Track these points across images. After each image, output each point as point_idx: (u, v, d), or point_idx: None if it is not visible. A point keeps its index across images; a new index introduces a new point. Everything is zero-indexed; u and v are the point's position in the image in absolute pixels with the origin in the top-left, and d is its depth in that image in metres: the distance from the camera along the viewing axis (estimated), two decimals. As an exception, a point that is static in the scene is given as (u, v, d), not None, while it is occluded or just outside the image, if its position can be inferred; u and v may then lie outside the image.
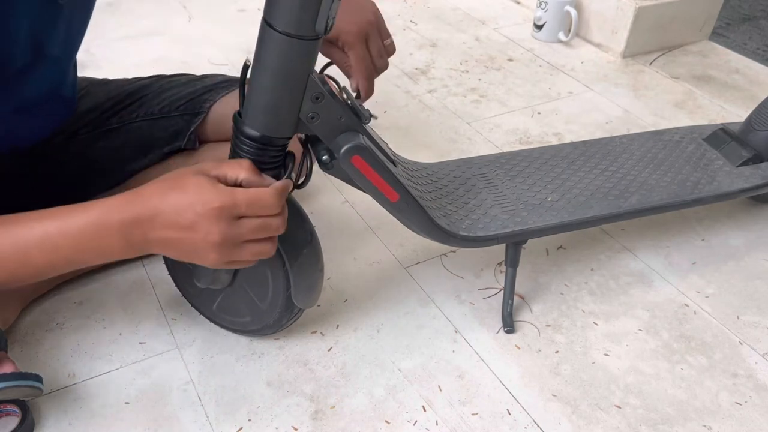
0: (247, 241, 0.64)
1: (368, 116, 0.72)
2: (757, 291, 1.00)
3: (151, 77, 1.01)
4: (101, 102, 0.95)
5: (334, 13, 0.62)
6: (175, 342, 0.87)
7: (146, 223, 0.62)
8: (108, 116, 0.94)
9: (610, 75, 1.56)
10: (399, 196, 0.77)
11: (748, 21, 1.91)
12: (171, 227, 0.62)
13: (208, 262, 0.64)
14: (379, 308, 0.94)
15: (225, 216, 0.61)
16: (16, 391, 0.72)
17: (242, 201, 0.62)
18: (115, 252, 0.64)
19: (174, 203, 0.62)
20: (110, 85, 0.98)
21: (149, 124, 0.94)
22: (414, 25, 1.75)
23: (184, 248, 0.63)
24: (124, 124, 0.94)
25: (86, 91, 0.97)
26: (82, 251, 0.64)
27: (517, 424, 0.79)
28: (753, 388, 0.85)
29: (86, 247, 0.63)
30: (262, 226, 0.64)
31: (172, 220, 0.61)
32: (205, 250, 0.63)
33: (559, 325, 0.92)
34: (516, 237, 0.87)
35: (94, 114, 0.94)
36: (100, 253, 0.64)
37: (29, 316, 0.89)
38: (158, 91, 0.97)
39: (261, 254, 0.66)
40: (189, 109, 0.94)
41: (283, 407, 0.80)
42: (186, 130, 0.93)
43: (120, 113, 0.94)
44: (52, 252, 0.63)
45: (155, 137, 0.94)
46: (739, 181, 0.99)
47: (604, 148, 1.03)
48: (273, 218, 0.64)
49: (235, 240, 0.63)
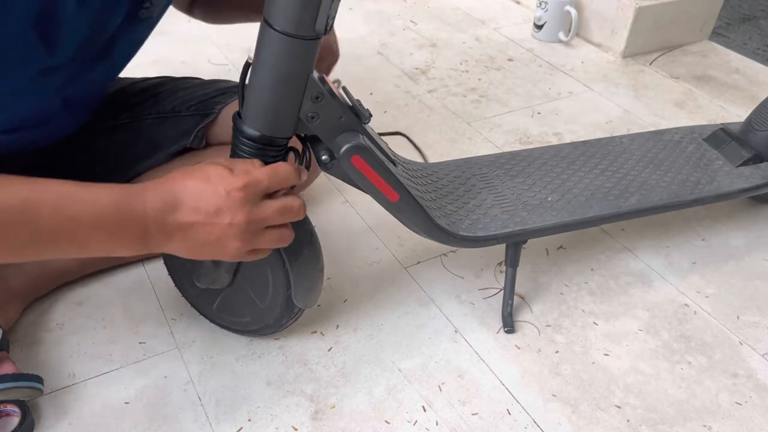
0: (268, 228, 0.64)
1: (368, 116, 0.72)
2: (757, 291, 1.00)
3: (163, 77, 1.02)
4: (112, 98, 0.95)
5: (334, 12, 0.62)
6: (175, 342, 0.87)
7: (169, 210, 0.59)
8: (119, 112, 0.94)
9: (610, 75, 1.56)
10: (399, 196, 0.77)
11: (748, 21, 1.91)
12: (195, 213, 0.60)
13: (229, 251, 0.63)
14: (379, 308, 0.93)
15: (250, 195, 0.61)
16: (16, 391, 0.73)
17: (263, 175, 0.62)
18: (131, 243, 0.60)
19: (198, 190, 0.60)
20: (121, 82, 0.99)
21: (160, 121, 0.94)
22: (414, 25, 1.75)
23: (207, 237, 0.61)
24: (135, 120, 0.94)
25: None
26: (97, 231, 0.58)
27: (517, 424, 0.79)
28: (753, 388, 0.85)
29: (104, 228, 0.58)
30: (285, 206, 0.64)
31: (196, 206, 0.60)
32: (228, 237, 0.61)
33: (559, 325, 0.92)
34: (516, 237, 0.86)
35: (104, 109, 0.94)
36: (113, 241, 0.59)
37: (29, 316, 0.89)
38: (171, 90, 0.97)
39: (281, 240, 0.66)
40: (200, 109, 0.94)
41: (283, 407, 0.80)
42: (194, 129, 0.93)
43: (132, 109, 0.95)
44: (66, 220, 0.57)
45: (165, 136, 0.94)
46: (739, 181, 0.99)
47: (604, 148, 1.03)
48: (294, 199, 0.65)
49: (260, 223, 0.63)
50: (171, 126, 0.94)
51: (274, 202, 0.64)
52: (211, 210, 0.60)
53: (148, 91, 0.96)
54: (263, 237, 0.64)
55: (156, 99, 0.96)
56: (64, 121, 0.85)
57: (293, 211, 0.65)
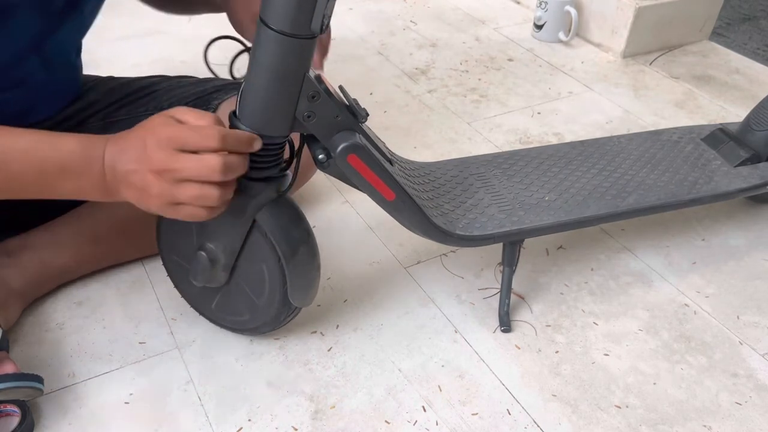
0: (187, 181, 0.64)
1: (365, 115, 0.72)
2: (757, 291, 0.99)
3: (160, 76, 1.02)
4: (109, 94, 0.96)
5: (330, 11, 0.62)
6: (175, 342, 0.87)
7: (117, 158, 0.65)
8: (116, 108, 0.95)
9: (610, 75, 1.56)
10: (395, 195, 0.77)
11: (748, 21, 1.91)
12: (131, 161, 0.65)
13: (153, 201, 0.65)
14: (379, 308, 0.94)
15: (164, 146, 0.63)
16: (16, 391, 0.73)
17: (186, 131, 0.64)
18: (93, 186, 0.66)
19: (132, 139, 0.65)
20: (119, 80, 1.00)
21: None
22: (414, 25, 1.75)
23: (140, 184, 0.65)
24: (132, 117, 0.94)
25: (94, 83, 0.98)
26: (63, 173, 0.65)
27: (517, 424, 0.79)
28: (753, 388, 0.85)
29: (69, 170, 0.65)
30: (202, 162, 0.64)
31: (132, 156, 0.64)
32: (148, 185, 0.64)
33: (559, 325, 0.92)
34: (513, 236, 0.86)
35: (101, 104, 0.95)
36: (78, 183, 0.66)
37: (29, 316, 0.89)
38: (168, 88, 0.98)
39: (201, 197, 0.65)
40: (198, 105, 0.95)
41: (283, 407, 0.80)
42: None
43: (128, 106, 0.95)
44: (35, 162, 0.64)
45: None
46: (737, 181, 0.99)
47: (602, 148, 1.03)
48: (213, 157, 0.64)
49: (173, 173, 0.63)
50: None
51: (191, 156, 0.64)
52: (135, 157, 0.64)
53: (145, 89, 0.97)
54: (180, 190, 0.64)
55: (153, 96, 0.96)
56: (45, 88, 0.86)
57: (209, 166, 0.64)
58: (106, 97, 0.96)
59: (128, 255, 0.97)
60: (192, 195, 0.65)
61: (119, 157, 0.65)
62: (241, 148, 0.66)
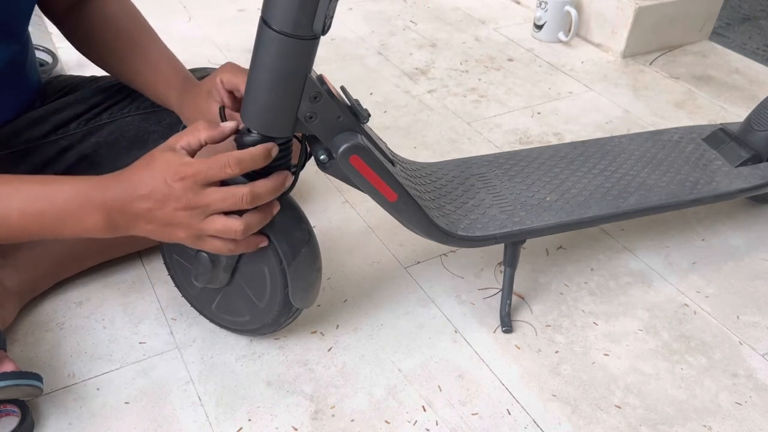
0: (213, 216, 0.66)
1: (367, 116, 0.72)
2: (757, 291, 1.00)
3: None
4: (90, 96, 0.95)
5: (332, 12, 0.62)
6: (175, 342, 0.87)
7: (127, 199, 0.65)
8: (98, 112, 0.94)
9: (610, 75, 1.56)
10: (397, 195, 0.77)
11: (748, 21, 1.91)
12: (147, 200, 0.65)
13: (178, 236, 0.67)
14: (379, 308, 0.94)
15: (189, 185, 0.64)
16: (16, 390, 0.73)
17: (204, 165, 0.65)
18: (98, 229, 0.67)
19: (146, 178, 0.65)
20: (99, 82, 0.98)
21: (142, 118, 0.94)
22: (414, 25, 1.75)
23: (163, 220, 0.66)
24: (115, 119, 0.94)
25: (74, 86, 0.97)
26: (62, 222, 0.66)
27: (517, 424, 0.79)
28: (753, 388, 0.85)
29: (68, 219, 0.66)
30: (228, 194, 0.65)
31: (146, 194, 0.65)
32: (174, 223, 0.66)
33: (559, 325, 0.92)
34: (514, 237, 0.87)
35: (83, 107, 0.94)
36: (80, 227, 0.67)
37: (29, 316, 0.89)
38: None
39: (227, 230, 0.67)
40: None
41: (283, 407, 0.80)
42: (180, 122, 0.93)
43: (110, 109, 0.95)
44: (32, 216, 0.66)
45: (149, 131, 0.94)
46: (737, 181, 0.99)
47: (603, 148, 1.03)
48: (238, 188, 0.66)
49: (201, 210, 0.65)
50: (155, 121, 0.94)
51: (217, 190, 0.65)
52: (159, 197, 0.65)
53: (126, 89, 0.96)
54: (206, 224, 0.67)
55: (133, 97, 0.95)
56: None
57: (236, 198, 0.66)
58: (85, 98, 0.95)
59: (124, 249, 0.96)
60: (218, 227, 0.67)
61: (132, 195, 0.65)
62: (259, 163, 0.67)
